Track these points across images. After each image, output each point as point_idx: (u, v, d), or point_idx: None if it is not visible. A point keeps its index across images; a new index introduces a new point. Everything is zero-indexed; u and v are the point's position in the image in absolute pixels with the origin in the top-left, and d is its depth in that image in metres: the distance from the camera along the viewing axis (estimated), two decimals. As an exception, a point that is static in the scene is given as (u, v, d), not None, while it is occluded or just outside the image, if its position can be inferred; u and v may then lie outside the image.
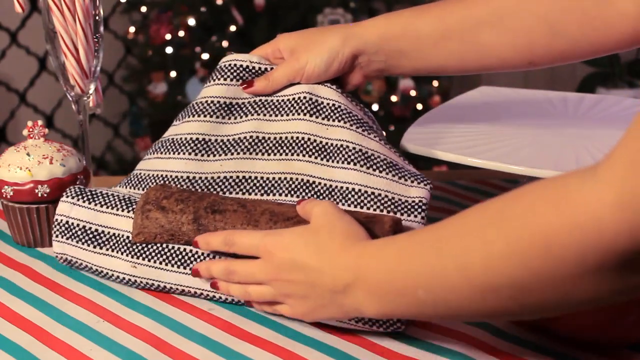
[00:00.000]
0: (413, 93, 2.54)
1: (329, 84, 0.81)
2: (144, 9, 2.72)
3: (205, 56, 2.61)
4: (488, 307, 0.56)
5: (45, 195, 0.84)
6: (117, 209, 0.78)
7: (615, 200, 0.49)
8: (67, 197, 0.80)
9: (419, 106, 2.53)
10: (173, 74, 2.66)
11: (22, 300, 0.76)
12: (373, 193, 0.75)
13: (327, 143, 0.78)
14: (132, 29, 2.77)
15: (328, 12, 2.58)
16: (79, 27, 0.88)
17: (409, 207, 0.74)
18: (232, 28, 2.61)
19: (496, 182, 1.03)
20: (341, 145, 0.77)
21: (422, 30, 0.79)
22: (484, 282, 0.55)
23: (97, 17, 0.90)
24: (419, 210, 0.74)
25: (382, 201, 0.74)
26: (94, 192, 0.80)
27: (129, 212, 0.77)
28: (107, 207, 0.78)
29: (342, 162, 0.77)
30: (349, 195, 0.75)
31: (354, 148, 0.77)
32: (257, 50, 0.87)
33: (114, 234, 0.77)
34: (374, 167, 0.76)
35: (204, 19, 2.64)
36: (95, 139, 2.76)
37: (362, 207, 0.75)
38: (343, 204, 0.75)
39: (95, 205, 0.79)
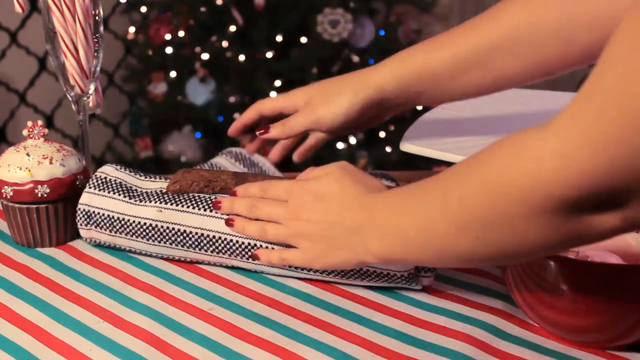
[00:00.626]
0: (413, 93, 2.54)
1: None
2: (144, 9, 2.72)
3: (205, 56, 2.61)
4: (462, 247, 0.61)
5: (45, 195, 0.84)
6: (156, 179, 0.84)
7: (556, 148, 0.52)
8: (112, 165, 0.86)
9: (419, 106, 2.54)
10: (173, 74, 2.66)
11: (22, 300, 0.76)
12: None
13: None
14: (132, 29, 2.77)
15: (328, 12, 2.58)
16: (79, 27, 0.88)
17: None
18: (232, 28, 2.61)
19: (496, 182, 1.03)
20: None
21: (437, 68, 0.80)
22: (458, 220, 0.60)
23: (97, 17, 0.90)
24: None
25: None
26: (136, 170, 0.86)
27: (164, 180, 0.83)
28: (147, 178, 0.85)
29: None
30: None
31: None
32: (268, 101, 0.86)
33: (146, 191, 0.82)
34: None
35: (204, 19, 2.64)
36: (95, 139, 2.76)
37: None
38: None
39: (136, 174, 0.85)
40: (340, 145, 2.55)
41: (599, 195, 0.52)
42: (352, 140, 2.55)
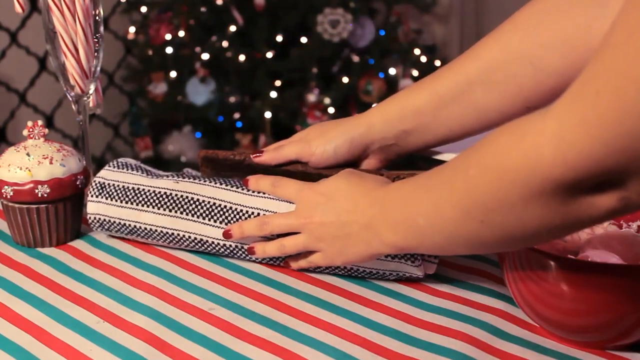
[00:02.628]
0: (413, 93, 2.54)
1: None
2: (144, 9, 2.72)
3: (205, 56, 2.61)
4: (469, 231, 0.63)
5: (45, 195, 0.84)
6: (163, 177, 0.84)
7: (554, 131, 0.54)
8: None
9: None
10: (173, 74, 2.66)
11: (22, 300, 0.76)
12: None
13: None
14: (132, 29, 2.77)
15: (328, 12, 2.58)
16: (79, 27, 0.88)
17: None
18: (232, 28, 2.61)
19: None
20: None
21: (418, 105, 0.82)
22: (463, 204, 0.62)
23: (97, 17, 0.90)
24: None
25: None
26: (139, 165, 0.87)
27: (173, 177, 0.84)
28: (151, 176, 0.85)
29: None
30: None
31: None
32: (274, 145, 0.89)
33: (156, 188, 0.83)
34: None
35: (204, 19, 2.64)
36: (95, 139, 2.77)
37: None
38: None
39: (142, 172, 0.85)
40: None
41: (596, 176, 0.53)
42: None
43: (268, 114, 2.58)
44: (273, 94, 2.59)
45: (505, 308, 0.74)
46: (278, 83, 2.61)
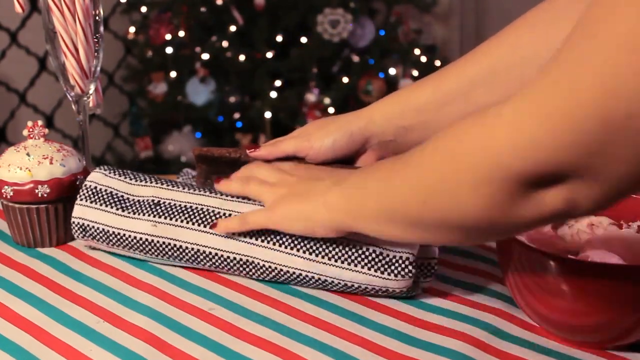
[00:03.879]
0: (413, 93, 2.54)
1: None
2: (144, 9, 2.72)
3: (205, 56, 2.61)
4: (410, 209, 0.63)
5: (45, 195, 0.84)
6: (147, 182, 0.83)
7: (510, 119, 0.54)
8: (101, 169, 0.84)
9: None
10: (173, 74, 2.66)
11: (22, 300, 0.76)
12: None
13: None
14: (132, 29, 2.77)
15: (328, 12, 2.58)
16: (79, 27, 0.88)
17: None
18: (232, 28, 2.61)
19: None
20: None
21: (420, 103, 0.82)
22: (410, 182, 0.63)
23: (97, 17, 0.90)
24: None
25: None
26: (125, 171, 0.85)
27: (156, 183, 0.82)
28: (137, 181, 0.83)
29: None
30: None
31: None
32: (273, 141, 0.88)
33: (139, 200, 0.81)
34: None
35: (204, 19, 2.64)
36: (95, 139, 2.77)
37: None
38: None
39: (126, 178, 0.83)
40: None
41: (545, 170, 0.53)
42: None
43: (268, 114, 2.58)
44: (273, 94, 2.59)
45: (505, 308, 0.74)
46: (278, 83, 2.61)
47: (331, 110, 2.60)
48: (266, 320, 0.73)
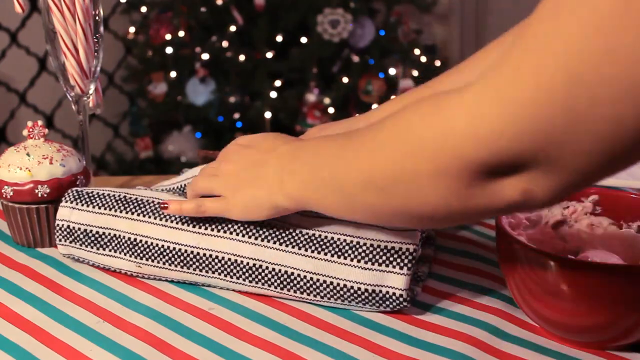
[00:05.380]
0: (413, 93, 2.54)
1: None
2: (144, 9, 2.72)
3: (205, 56, 2.61)
4: (368, 197, 0.61)
5: (45, 195, 0.84)
6: (116, 210, 0.79)
7: (470, 106, 0.52)
8: (66, 201, 0.81)
9: None
10: (173, 74, 2.66)
11: (22, 300, 0.76)
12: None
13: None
14: (132, 29, 2.77)
15: (328, 12, 2.58)
16: (79, 27, 0.88)
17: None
18: (232, 28, 2.61)
19: (496, 182, 1.03)
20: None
21: None
22: (367, 169, 0.61)
23: (97, 17, 0.90)
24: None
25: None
26: (91, 194, 0.81)
27: (127, 213, 0.78)
28: (106, 209, 0.79)
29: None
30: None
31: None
32: None
33: (114, 235, 0.78)
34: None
35: (204, 19, 2.64)
36: (95, 139, 2.77)
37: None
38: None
39: (94, 207, 0.80)
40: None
41: (504, 158, 0.52)
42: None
43: (268, 114, 2.58)
44: (273, 94, 2.59)
45: (505, 308, 0.74)
46: (278, 83, 2.61)
47: (331, 110, 2.60)
48: (266, 320, 0.73)
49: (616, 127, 0.47)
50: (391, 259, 0.72)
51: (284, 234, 0.74)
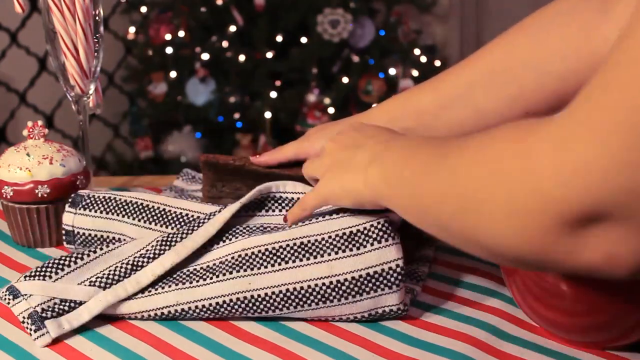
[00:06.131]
0: (413, 93, 2.54)
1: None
2: (144, 9, 2.72)
3: (205, 56, 2.61)
4: (441, 214, 0.59)
5: (45, 195, 0.84)
6: (124, 216, 0.79)
7: (556, 137, 0.48)
8: (70, 207, 0.80)
9: None
10: (173, 74, 2.66)
11: (22, 300, 0.76)
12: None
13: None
14: (132, 29, 2.77)
15: (328, 12, 2.58)
16: (79, 27, 0.88)
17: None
18: (232, 28, 2.61)
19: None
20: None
21: (420, 104, 0.82)
22: (447, 184, 0.58)
23: (97, 17, 0.90)
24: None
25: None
26: (97, 197, 0.80)
27: (133, 219, 0.79)
28: (114, 214, 0.79)
29: None
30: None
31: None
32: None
33: (119, 239, 0.79)
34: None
35: (204, 19, 2.65)
36: (95, 139, 2.76)
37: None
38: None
39: (101, 212, 0.80)
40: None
41: (591, 201, 0.46)
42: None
43: (268, 114, 2.58)
44: (273, 94, 2.59)
45: (505, 308, 0.74)
46: (278, 83, 2.61)
47: (331, 110, 2.60)
48: (266, 320, 0.73)
49: None
50: (377, 283, 0.70)
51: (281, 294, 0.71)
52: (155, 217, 0.78)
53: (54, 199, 0.84)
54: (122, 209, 0.79)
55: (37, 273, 0.73)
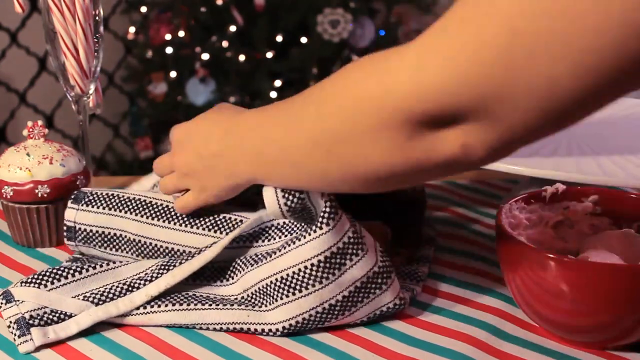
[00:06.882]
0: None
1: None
2: (144, 9, 2.72)
3: (205, 56, 2.61)
4: (316, 162, 0.62)
5: (45, 195, 0.84)
6: (125, 212, 0.78)
7: (412, 60, 0.54)
8: (73, 203, 0.80)
9: None
10: (173, 74, 2.66)
11: (22, 300, 0.76)
12: None
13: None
14: (132, 29, 2.77)
15: (328, 12, 2.58)
16: (79, 27, 0.88)
17: None
18: (232, 28, 2.61)
19: (496, 182, 1.03)
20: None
21: None
22: (312, 132, 0.61)
23: (97, 17, 0.90)
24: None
25: None
26: (100, 194, 0.80)
27: (135, 215, 0.78)
28: (114, 210, 0.79)
29: None
30: None
31: None
32: None
33: (121, 235, 0.78)
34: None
35: (204, 19, 2.64)
36: (95, 139, 2.76)
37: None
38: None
39: (104, 208, 0.79)
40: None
41: (444, 109, 0.53)
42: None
43: (268, 114, 2.57)
44: (273, 94, 2.59)
45: (505, 308, 0.74)
46: (278, 83, 2.61)
47: (331, 110, 2.59)
48: (266, 320, 0.73)
49: (552, 85, 0.49)
50: (367, 291, 0.70)
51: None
52: (157, 213, 0.77)
53: (54, 199, 0.84)
54: (124, 205, 0.78)
55: (34, 280, 0.73)
